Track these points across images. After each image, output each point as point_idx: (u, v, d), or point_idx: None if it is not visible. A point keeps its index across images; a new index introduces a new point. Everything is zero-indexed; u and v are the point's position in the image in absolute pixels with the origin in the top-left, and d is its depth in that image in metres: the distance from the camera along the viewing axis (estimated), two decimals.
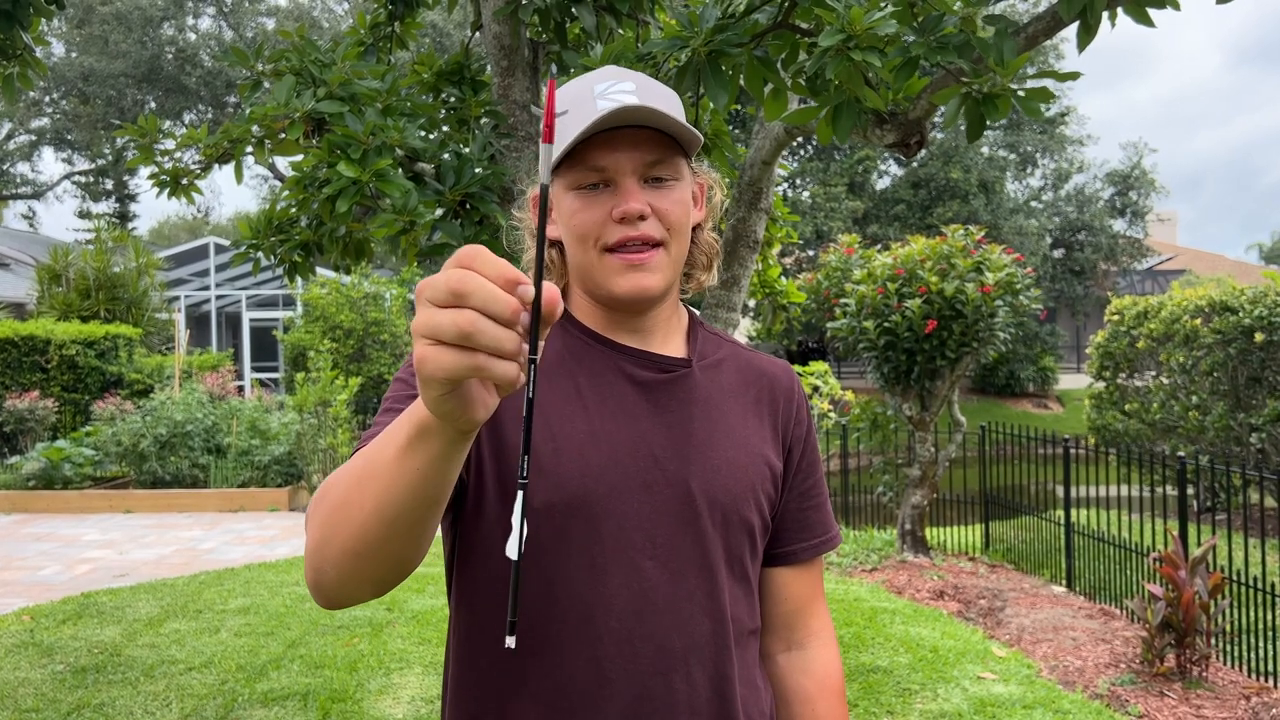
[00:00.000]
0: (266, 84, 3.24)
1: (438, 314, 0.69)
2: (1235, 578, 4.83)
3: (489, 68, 3.44)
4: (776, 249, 4.64)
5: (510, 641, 0.75)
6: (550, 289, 0.71)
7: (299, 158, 3.14)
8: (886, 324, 6.85)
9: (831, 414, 11.23)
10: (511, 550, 0.75)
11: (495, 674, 1.11)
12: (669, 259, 1.14)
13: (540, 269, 0.71)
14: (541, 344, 0.73)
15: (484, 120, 3.33)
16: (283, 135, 2.95)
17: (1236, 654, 4.68)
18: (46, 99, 30.77)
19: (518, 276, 0.70)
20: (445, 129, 3.42)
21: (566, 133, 1.09)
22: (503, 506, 1.10)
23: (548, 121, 0.71)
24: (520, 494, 0.76)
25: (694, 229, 1.21)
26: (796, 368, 6.17)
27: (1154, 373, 10.18)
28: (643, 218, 1.10)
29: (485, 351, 0.69)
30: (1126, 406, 10.39)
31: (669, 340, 1.21)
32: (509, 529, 1.09)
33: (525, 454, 0.74)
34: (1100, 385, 10.97)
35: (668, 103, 1.14)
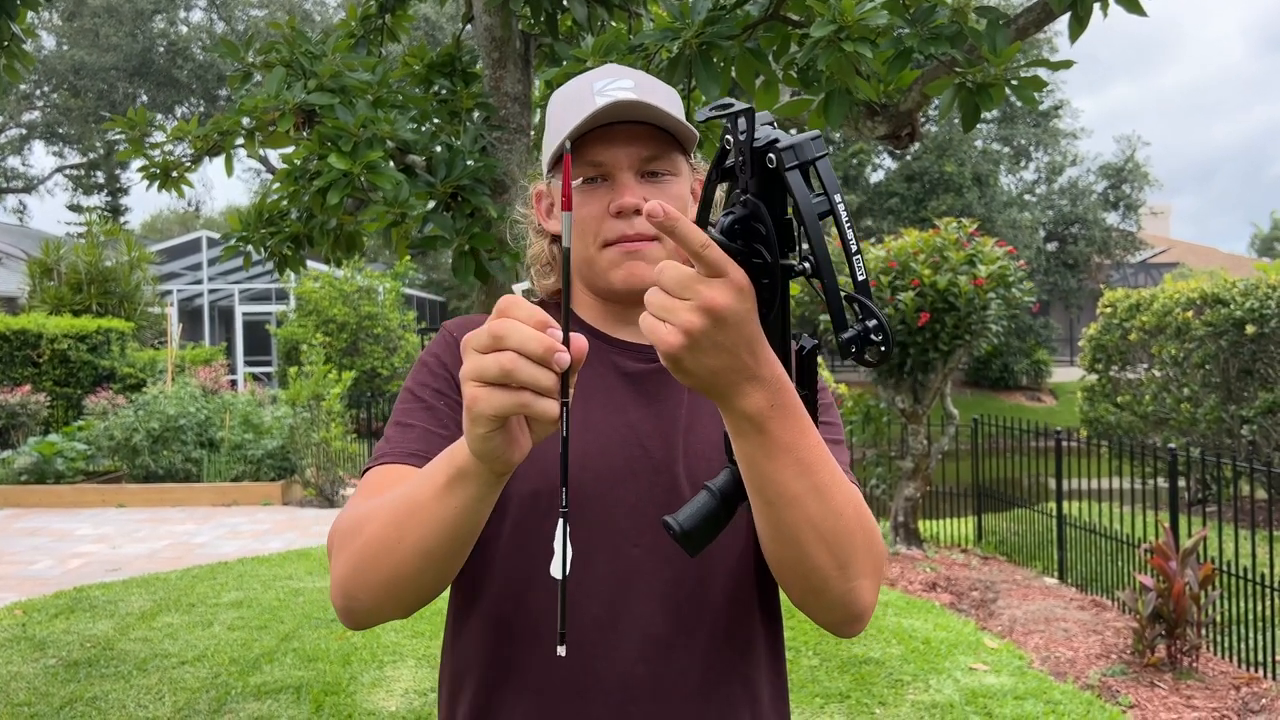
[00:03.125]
0: (257, 76, 3.22)
1: (482, 358, 0.78)
2: (1226, 569, 4.85)
3: (480, 60, 3.42)
4: None
5: (561, 650, 0.81)
6: (578, 339, 0.79)
7: (290, 150, 3.13)
8: None
9: None
10: (556, 570, 0.84)
11: (485, 661, 1.12)
12: (665, 251, 1.14)
13: (568, 322, 0.79)
14: (572, 390, 0.80)
15: (475, 112, 3.32)
16: (273, 127, 2.94)
17: (1227, 644, 4.70)
18: (37, 92, 30.63)
19: (548, 320, 0.78)
20: (436, 121, 3.41)
21: (564, 127, 1.11)
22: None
23: (565, 191, 0.77)
24: (562, 520, 0.82)
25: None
26: None
27: (1146, 365, 10.20)
28: (638, 212, 1.12)
29: (527, 389, 0.77)
30: (1119, 399, 10.42)
31: None
32: (501, 522, 1.11)
33: (564, 485, 0.80)
34: (1093, 378, 11.00)
35: (666, 99, 1.15)
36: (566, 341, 0.78)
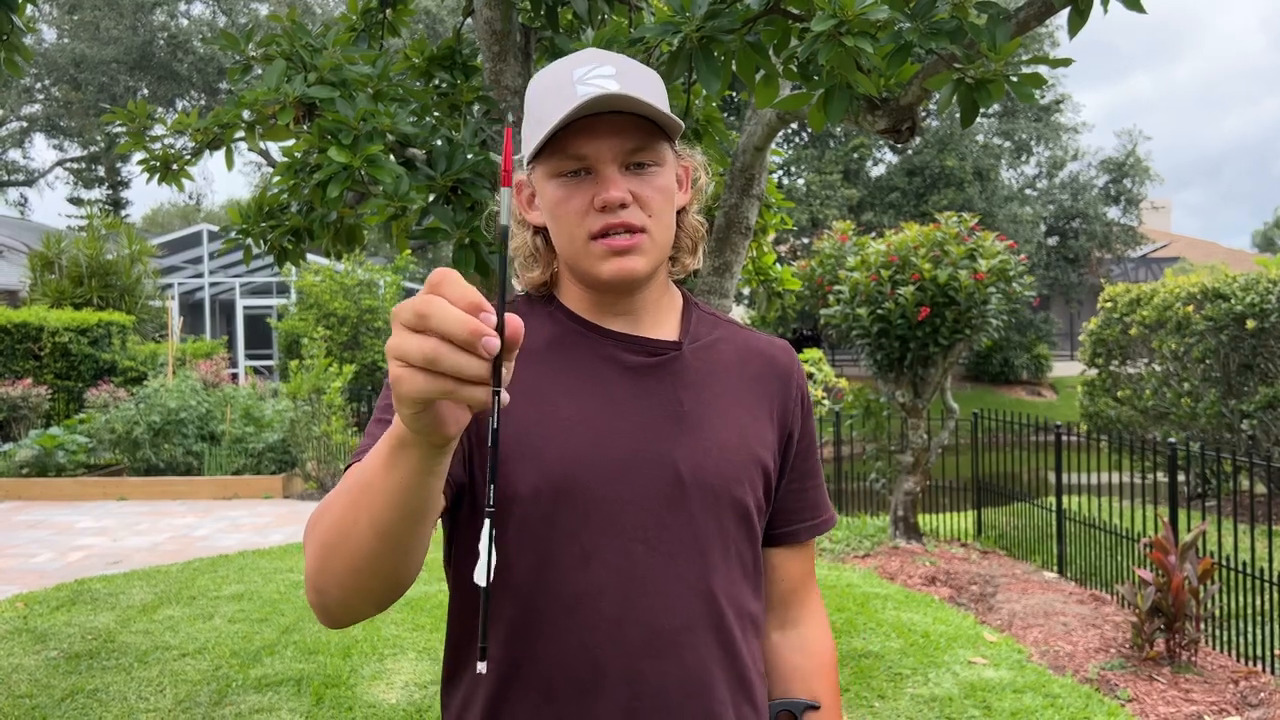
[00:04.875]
0: (257, 69, 3.22)
1: (407, 338, 0.73)
2: (1225, 563, 4.86)
3: (480, 53, 3.42)
4: (771, 235, 4.63)
5: (481, 668, 0.77)
6: (513, 320, 0.74)
7: (290, 143, 3.13)
8: (880, 311, 6.86)
9: (825, 401, 11.26)
10: (480, 577, 0.76)
11: (493, 663, 1.11)
12: (653, 243, 1.14)
13: (504, 303, 0.73)
14: (507, 374, 0.75)
15: (475, 106, 3.32)
16: (273, 120, 2.94)
17: (1225, 638, 4.71)
18: (38, 86, 30.59)
19: (480, 302, 0.73)
20: (437, 115, 3.41)
21: (546, 120, 1.09)
22: (473, 516, 1.12)
23: (506, 166, 0.73)
24: (488, 523, 0.76)
25: (679, 212, 1.21)
26: None
27: (1146, 360, 10.20)
28: (624, 205, 1.10)
29: (450, 376, 0.72)
30: (1119, 393, 10.42)
31: (660, 323, 1.21)
32: (504, 524, 1.09)
33: (491, 482, 0.76)
34: (1093, 372, 11.00)
35: (649, 87, 1.13)
36: (501, 325, 0.73)
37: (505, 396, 0.75)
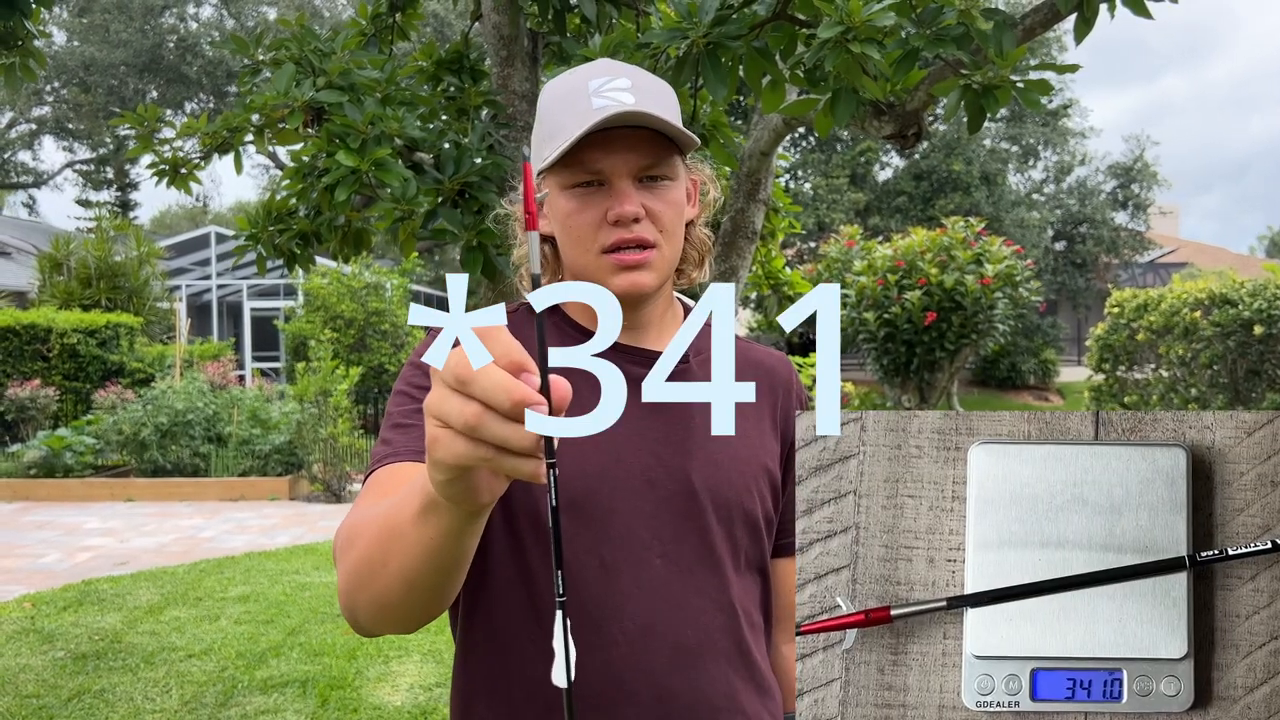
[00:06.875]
0: (266, 72, 3.24)
1: (448, 398, 0.65)
2: None
3: (488, 58, 3.44)
4: (779, 240, 4.63)
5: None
6: (559, 384, 0.64)
7: (299, 146, 3.15)
8: (886, 315, 6.87)
9: None
10: (559, 678, 0.71)
11: (508, 683, 1.11)
12: (663, 258, 1.14)
13: (546, 369, 0.64)
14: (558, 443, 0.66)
15: (483, 110, 3.33)
16: (282, 124, 2.95)
17: None
18: (47, 88, 30.74)
19: (525, 361, 0.64)
20: (444, 119, 3.42)
21: (560, 132, 1.09)
22: (507, 525, 1.11)
23: (528, 208, 0.66)
24: (560, 615, 0.68)
25: (687, 225, 1.21)
26: (797, 359, 6.18)
27: (1153, 365, 10.18)
28: (636, 220, 1.10)
29: (492, 445, 0.64)
30: (1126, 399, 10.39)
31: (664, 335, 1.21)
32: (520, 541, 1.09)
33: (558, 568, 0.67)
34: (1100, 378, 10.98)
35: (663, 101, 1.13)
36: (545, 391, 0.63)
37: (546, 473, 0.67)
